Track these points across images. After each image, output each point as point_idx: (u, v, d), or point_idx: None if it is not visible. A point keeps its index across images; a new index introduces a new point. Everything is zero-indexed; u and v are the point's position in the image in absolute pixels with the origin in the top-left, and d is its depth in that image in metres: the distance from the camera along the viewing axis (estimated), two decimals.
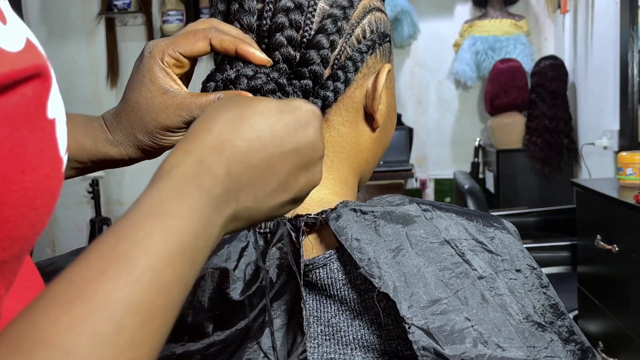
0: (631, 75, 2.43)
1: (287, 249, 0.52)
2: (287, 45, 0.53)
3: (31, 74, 0.30)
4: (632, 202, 1.66)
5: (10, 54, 0.29)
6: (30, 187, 0.30)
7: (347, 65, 0.55)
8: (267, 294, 0.51)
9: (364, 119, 0.59)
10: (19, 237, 0.31)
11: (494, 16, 3.78)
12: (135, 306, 0.29)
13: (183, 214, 0.34)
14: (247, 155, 0.38)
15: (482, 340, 0.48)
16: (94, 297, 0.29)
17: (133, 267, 0.30)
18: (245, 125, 0.39)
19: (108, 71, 4.01)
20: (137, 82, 0.53)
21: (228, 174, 0.37)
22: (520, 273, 0.55)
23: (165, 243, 0.32)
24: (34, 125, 0.30)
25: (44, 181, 0.31)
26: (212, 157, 0.37)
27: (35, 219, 0.31)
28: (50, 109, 0.32)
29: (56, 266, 0.56)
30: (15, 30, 0.30)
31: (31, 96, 0.30)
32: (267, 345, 0.48)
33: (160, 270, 0.31)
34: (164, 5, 3.90)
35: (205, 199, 0.35)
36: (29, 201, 0.30)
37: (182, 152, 0.37)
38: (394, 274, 0.49)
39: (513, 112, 3.48)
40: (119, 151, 0.55)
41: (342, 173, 0.59)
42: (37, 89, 0.30)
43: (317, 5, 0.54)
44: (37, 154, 0.30)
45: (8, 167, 0.28)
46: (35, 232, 0.32)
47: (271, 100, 0.42)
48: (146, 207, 0.33)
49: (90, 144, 0.55)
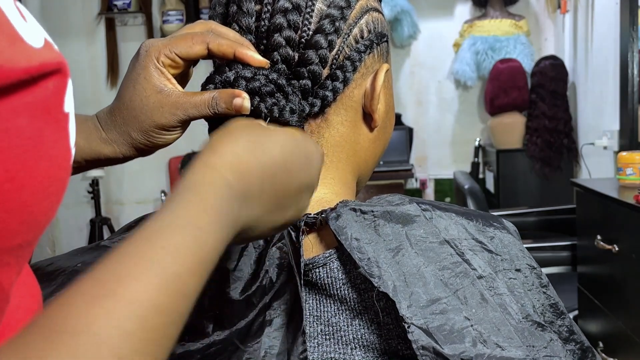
0: (631, 75, 2.43)
1: (287, 249, 0.52)
2: (285, 45, 0.53)
3: (54, 68, 0.32)
4: (632, 202, 1.66)
5: (36, 49, 0.31)
6: (46, 175, 0.32)
7: (346, 64, 0.55)
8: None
9: (362, 119, 0.59)
10: (35, 223, 0.32)
11: (494, 16, 3.78)
12: (161, 309, 0.30)
13: (209, 228, 0.35)
14: (258, 178, 0.41)
15: (482, 339, 0.48)
16: (123, 295, 0.29)
17: (163, 271, 0.31)
18: (261, 151, 0.42)
19: (108, 71, 4.02)
20: (132, 80, 0.53)
21: (244, 194, 0.40)
22: (520, 272, 0.55)
23: (192, 255, 0.33)
24: (52, 117, 0.32)
25: (57, 170, 0.33)
26: (234, 175, 0.39)
27: (48, 207, 0.33)
28: (67, 104, 0.34)
29: (56, 266, 0.56)
30: (35, 28, 0.32)
31: (52, 90, 0.32)
32: (267, 344, 0.48)
33: (186, 279, 0.33)
34: (164, 5, 3.90)
35: (227, 216, 0.37)
36: (44, 188, 0.32)
37: (206, 167, 0.39)
38: (393, 274, 0.49)
39: (513, 112, 3.49)
40: (113, 149, 0.55)
41: (342, 172, 0.59)
42: (57, 84, 0.32)
43: (315, 6, 0.54)
44: (52, 143, 0.32)
45: (28, 155, 0.30)
46: (47, 220, 0.33)
47: (287, 132, 0.45)
48: (175, 216, 0.35)
49: (83, 143, 0.55)
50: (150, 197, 4.16)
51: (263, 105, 0.51)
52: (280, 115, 0.51)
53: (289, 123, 0.52)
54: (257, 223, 0.42)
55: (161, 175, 4.13)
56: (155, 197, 4.15)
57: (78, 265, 0.55)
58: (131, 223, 0.61)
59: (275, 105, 0.51)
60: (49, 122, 0.32)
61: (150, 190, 4.14)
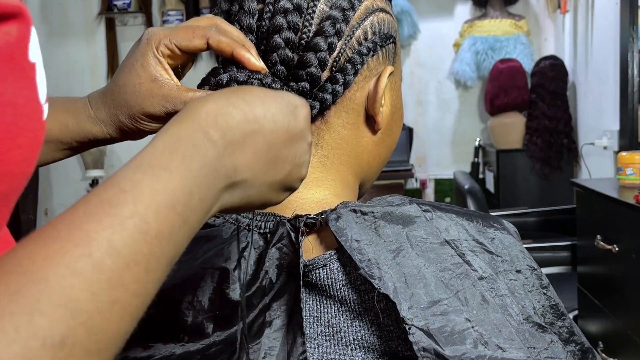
0: (631, 75, 2.43)
1: (286, 250, 0.52)
2: (284, 47, 0.53)
3: (14, 12, 0.31)
4: (632, 202, 1.65)
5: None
6: (12, 122, 0.31)
7: (346, 67, 0.55)
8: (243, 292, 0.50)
9: (365, 122, 0.58)
10: (6, 173, 0.32)
11: (494, 16, 3.78)
12: (117, 249, 0.30)
13: (175, 168, 0.34)
14: (241, 124, 0.39)
15: (483, 341, 0.48)
16: (75, 235, 0.29)
17: (119, 211, 0.31)
18: (240, 100, 0.40)
19: (108, 71, 4.02)
20: (129, 65, 0.53)
21: (223, 138, 0.38)
22: (521, 274, 0.55)
23: (153, 193, 0.33)
24: (15, 64, 0.31)
25: (26, 121, 0.32)
26: (208, 121, 0.38)
27: (21, 158, 0.32)
28: (31, 53, 0.33)
29: None
30: None
31: (15, 35, 0.31)
32: (267, 345, 0.48)
33: (147, 219, 0.32)
34: (164, 5, 3.90)
35: (199, 158, 0.36)
36: (12, 137, 0.31)
37: (179, 119, 0.38)
38: (394, 275, 0.49)
39: (513, 112, 3.49)
40: (101, 129, 0.55)
41: (343, 174, 0.59)
42: (20, 30, 0.31)
43: (317, 7, 0.53)
44: (17, 91, 0.32)
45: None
46: (21, 173, 0.33)
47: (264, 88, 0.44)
48: (138, 161, 0.34)
49: (72, 122, 0.56)
50: None
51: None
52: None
53: None
54: (251, 176, 0.40)
55: None
56: None
57: None
58: None
59: None
60: (13, 69, 0.31)
61: None
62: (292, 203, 0.56)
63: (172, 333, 0.51)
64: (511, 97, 3.44)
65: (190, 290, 0.51)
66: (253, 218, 0.54)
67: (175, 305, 0.51)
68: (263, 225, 0.54)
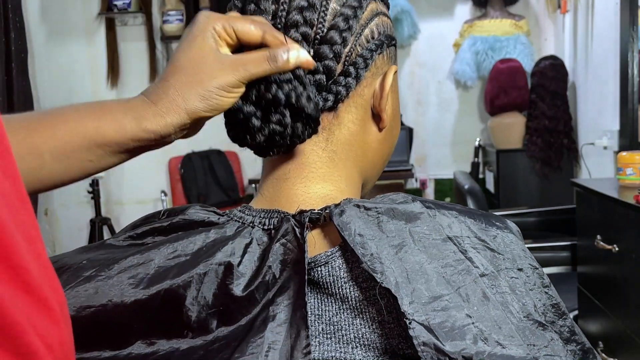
0: (631, 75, 2.43)
1: (290, 245, 0.52)
2: (302, 41, 0.55)
3: None
4: (632, 202, 1.66)
5: None
6: None
7: (358, 61, 0.57)
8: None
9: (371, 119, 0.61)
10: None
11: (494, 16, 3.78)
12: None
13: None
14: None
15: (483, 337, 0.48)
16: None
17: None
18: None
19: (108, 71, 4.02)
20: (189, 42, 0.53)
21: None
22: (522, 272, 0.55)
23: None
24: None
25: None
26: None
27: None
28: None
29: (62, 263, 0.56)
30: None
31: None
32: (270, 339, 0.49)
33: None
34: (164, 5, 3.90)
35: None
36: None
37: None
38: (396, 270, 0.49)
39: (513, 112, 3.49)
40: (164, 122, 0.52)
41: (349, 171, 0.60)
42: None
43: (329, 5, 0.56)
44: None
45: None
46: None
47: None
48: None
49: (129, 119, 0.52)
50: (150, 197, 4.16)
51: (281, 92, 0.53)
52: (298, 101, 0.53)
53: (306, 110, 0.53)
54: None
55: (161, 175, 4.14)
56: (155, 197, 4.16)
57: (83, 262, 0.56)
58: (137, 222, 0.61)
59: (293, 91, 0.53)
60: None
61: (150, 190, 4.14)
62: (297, 197, 0.57)
63: (176, 329, 0.51)
64: (511, 97, 3.44)
65: (194, 287, 0.51)
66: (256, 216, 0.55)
67: (180, 301, 0.51)
68: (267, 222, 0.55)
